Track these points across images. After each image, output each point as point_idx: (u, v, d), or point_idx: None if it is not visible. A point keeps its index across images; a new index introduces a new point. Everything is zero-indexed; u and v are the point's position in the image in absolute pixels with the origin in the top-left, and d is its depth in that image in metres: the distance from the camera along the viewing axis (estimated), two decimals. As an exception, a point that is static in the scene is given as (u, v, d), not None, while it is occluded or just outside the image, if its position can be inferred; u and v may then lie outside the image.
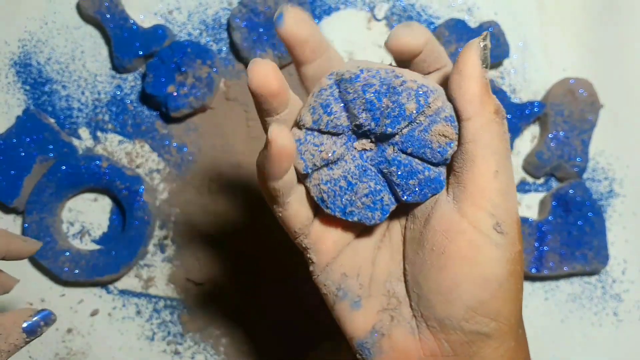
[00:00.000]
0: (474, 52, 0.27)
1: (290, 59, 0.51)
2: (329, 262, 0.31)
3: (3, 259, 0.35)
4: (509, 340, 0.28)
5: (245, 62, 0.52)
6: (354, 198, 0.29)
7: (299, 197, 0.30)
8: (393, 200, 0.29)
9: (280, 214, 0.30)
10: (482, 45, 0.27)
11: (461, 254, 0.27)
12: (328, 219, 0.30)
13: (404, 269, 0.30)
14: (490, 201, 0.27)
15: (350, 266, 0.31)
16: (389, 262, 0.31)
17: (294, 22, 0.27)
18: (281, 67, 0.52)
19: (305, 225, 0.30)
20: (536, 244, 0.49)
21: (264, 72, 0.26)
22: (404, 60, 0.30)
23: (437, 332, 0.28)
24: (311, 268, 0.31)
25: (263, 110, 0.28)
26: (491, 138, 0.27)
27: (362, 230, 0.31)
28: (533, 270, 0.49)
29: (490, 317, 0.28)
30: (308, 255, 0.31)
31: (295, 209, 0.29)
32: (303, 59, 0.29)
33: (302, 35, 0.28)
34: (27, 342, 0.32)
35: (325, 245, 0.30)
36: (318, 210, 0.31)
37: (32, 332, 0.32)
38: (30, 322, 0.32)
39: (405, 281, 0.30)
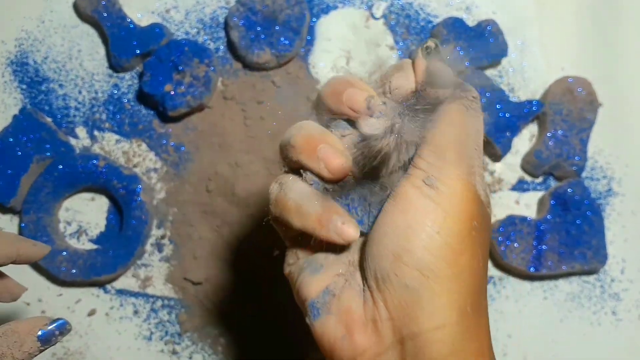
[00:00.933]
0: (416, 59, 0.30)
1: (288, 57, 0.51)
2: (303, 257, 0.32)
3: (13, 262, 0.36)
4: (446, 309, 0.27)
5: (242, 61, 0.52)
6: None
7: None
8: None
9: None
10: (426, 47, 0.30)
11: (395, 204, 0.28)
12: None
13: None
14: (425, 158, 0.28)
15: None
16: None
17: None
18: (279, 66, 0.51)
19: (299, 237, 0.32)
20: (535, 243, 0.49)
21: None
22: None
23: (375, 291, 0.28)
24: (285, 265, 0.33)
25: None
26: (447, 106, 0.29)
27: None
28: (532, 270, 0.49)
29: (418, 268, 0.27)
30: (290, 254, 0.32)
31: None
32: None
33: None
34: (41, 351, 0.32)
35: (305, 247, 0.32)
36: None
37: (47, 341, 0.32)
38: (45, 331, 0.32)
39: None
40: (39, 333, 0.32)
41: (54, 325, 0.32)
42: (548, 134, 0.51)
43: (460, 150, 0.28)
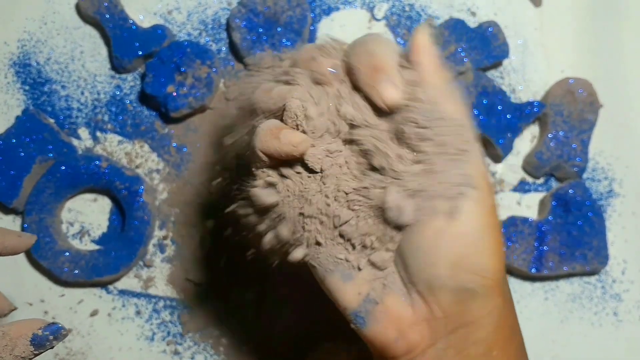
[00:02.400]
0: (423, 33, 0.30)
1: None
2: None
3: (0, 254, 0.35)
4: (495, 297, 0.29)
5: (244, 62, 0.52)
6: None
7: None
8: None
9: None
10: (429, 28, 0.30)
11: (434, 218, 0.28)
12: None
13: None
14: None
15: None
16: None
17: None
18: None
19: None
20: (536, 244, 0.49)
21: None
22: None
23: (427, 295, 0.29)
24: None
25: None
26: (452, 100, 0.29)
27: None
28: (533, 270, 0.49)
29: (474, 272, 0.28)
30: None
31: None
32: None
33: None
34: (35, 355, 0.31)
35: None
36: None
37: (40, 346, 0.30)
38: (38, 335, 0.30)
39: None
40: (32, 337, 0.30)
41: (48, 330, 0.31)
42: (549, 135, 0.51)
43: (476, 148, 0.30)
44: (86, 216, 0.52)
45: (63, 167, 0.49)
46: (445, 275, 0.28)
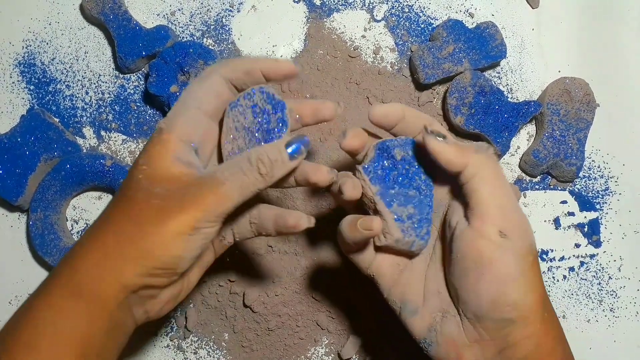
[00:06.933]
0: (431, 140, 0.35)
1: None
2: (391, 285, 0.39)
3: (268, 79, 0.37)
4: (533, 322, 0.34)
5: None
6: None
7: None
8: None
9: (355, 258, 0.39)
10: (430, 131, 0.35)
11: (477, 259, 0.34)
12: (384, 253, 0.39)
13: (445, 277, 0.37)
14: (491, 216, 0.34)
15: (407, 285, 0.38)
16: (437, 274, 0.38)
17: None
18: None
19: (371, 262, 0.39)
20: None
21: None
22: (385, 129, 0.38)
23: (474, 322, 0.35)
24: (380, 290, 0.39)
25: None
26: (481, 173, 0.34)
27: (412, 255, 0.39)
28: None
29: (511, 306, 0.33)
30: (375, 281, 0.39)
31: (367, 252, 0.39)
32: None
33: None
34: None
35: (385, 271, 0.39)
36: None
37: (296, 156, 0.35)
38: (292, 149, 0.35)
39: (447, 287, 0.37)
40: (289, 151, 0.35)
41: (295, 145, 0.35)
42: (546, 134, 0.51)
43: (511, 203, 0.35)
44: (91, 213, 0.53)
45: (68, 166, 0.50)
46: (487, 308, 0.34)
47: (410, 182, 0.38)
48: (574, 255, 0.53)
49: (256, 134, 0.37)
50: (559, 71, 0.54)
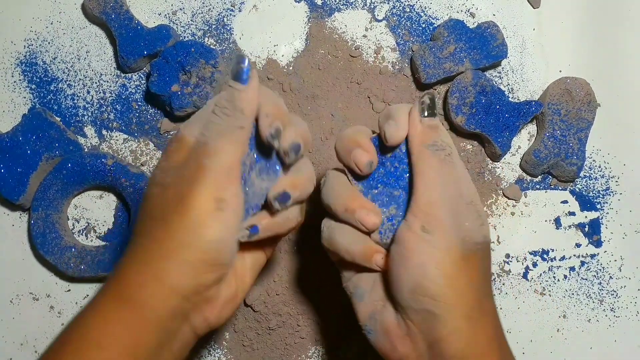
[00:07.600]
0: (412, 110, 0.37)
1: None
2: (351, 276, 0.40)
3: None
4: (455, 318, 0.34)
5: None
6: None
7: None
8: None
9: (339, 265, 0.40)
10: (421, 102, 0.36)
11: (402, 249, 0.35)
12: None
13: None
14: (418, 211, 0.35)
15: (363, 275, 0.39)
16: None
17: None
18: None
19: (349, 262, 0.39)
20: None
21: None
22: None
23: (403, 313, 0.36)
24: (342, 279, 0.40)
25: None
26: (422, 171, 0.36)
27: None
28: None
29: (429, 297, 0.34)
30: (342, 274, 0.40)
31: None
32: None
33: None
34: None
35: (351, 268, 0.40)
36: None
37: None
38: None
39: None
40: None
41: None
42: (547, 134, 0.51)
43: (442, 201, 0.35)
44: (92, 212, 0.53)
45: (69, 165, 0.50)
46: (408, 297, 0.35)
47: (397, 181, 0.38)
48: (574, 255, 0.53)
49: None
50: (560, 71, 0.54)
